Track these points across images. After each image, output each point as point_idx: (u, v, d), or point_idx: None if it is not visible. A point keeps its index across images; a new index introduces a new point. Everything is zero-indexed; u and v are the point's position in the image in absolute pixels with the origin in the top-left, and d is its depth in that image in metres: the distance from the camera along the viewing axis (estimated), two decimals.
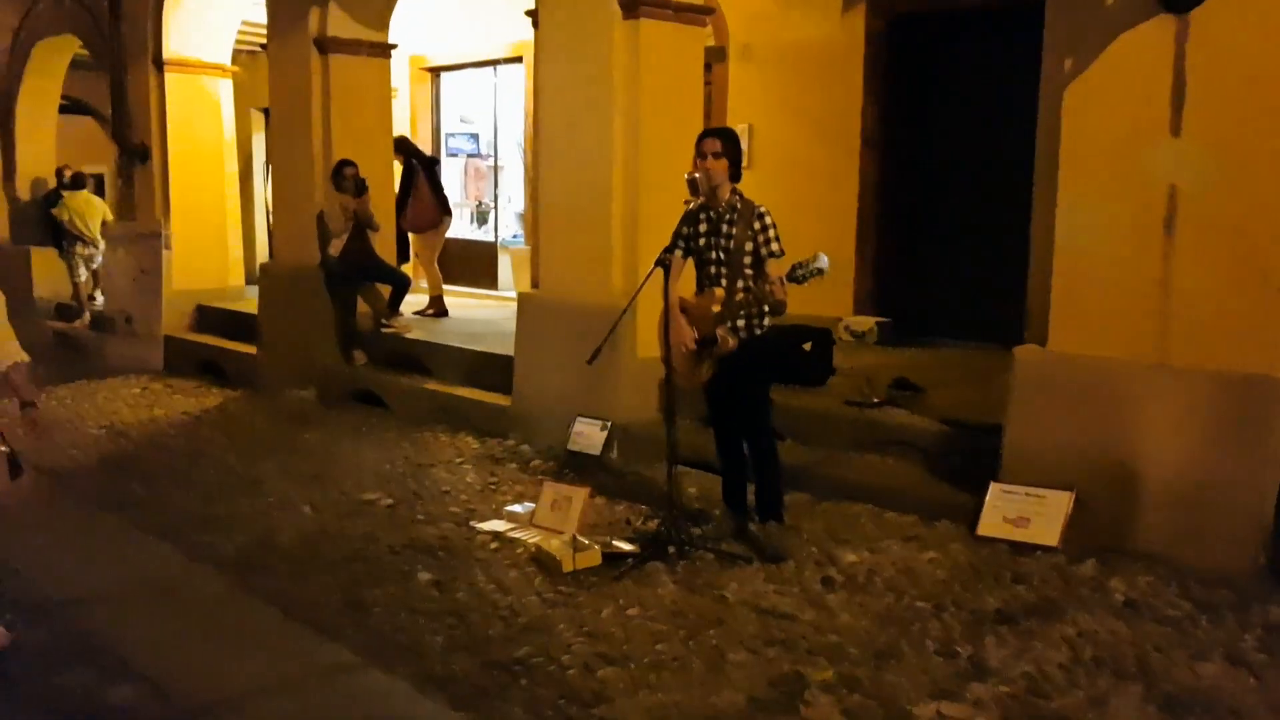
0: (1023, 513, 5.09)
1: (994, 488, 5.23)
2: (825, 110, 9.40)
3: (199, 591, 4.91)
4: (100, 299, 13.24)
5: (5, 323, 4.07)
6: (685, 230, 5.22)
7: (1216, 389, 4.81)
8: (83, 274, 13.45)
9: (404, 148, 10.82)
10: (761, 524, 5.26)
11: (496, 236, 13.18)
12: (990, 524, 5.15)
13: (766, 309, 5.04)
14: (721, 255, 5.09)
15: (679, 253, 5.24)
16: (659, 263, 5.09)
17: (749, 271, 5.04)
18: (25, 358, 4.12)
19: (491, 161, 13.45)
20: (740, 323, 5.07)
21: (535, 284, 7.84)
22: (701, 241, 5.17)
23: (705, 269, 5.17)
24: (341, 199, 9.27)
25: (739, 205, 5.09)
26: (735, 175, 5.13)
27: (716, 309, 5.04)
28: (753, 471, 5.31)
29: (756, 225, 5.02)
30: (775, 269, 4.92)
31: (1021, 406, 5.32)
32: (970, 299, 8.61)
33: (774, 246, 5.01)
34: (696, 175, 5.28)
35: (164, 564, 5.29)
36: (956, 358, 8.03)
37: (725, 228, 5.08)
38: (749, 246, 5.03)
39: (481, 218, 13.83)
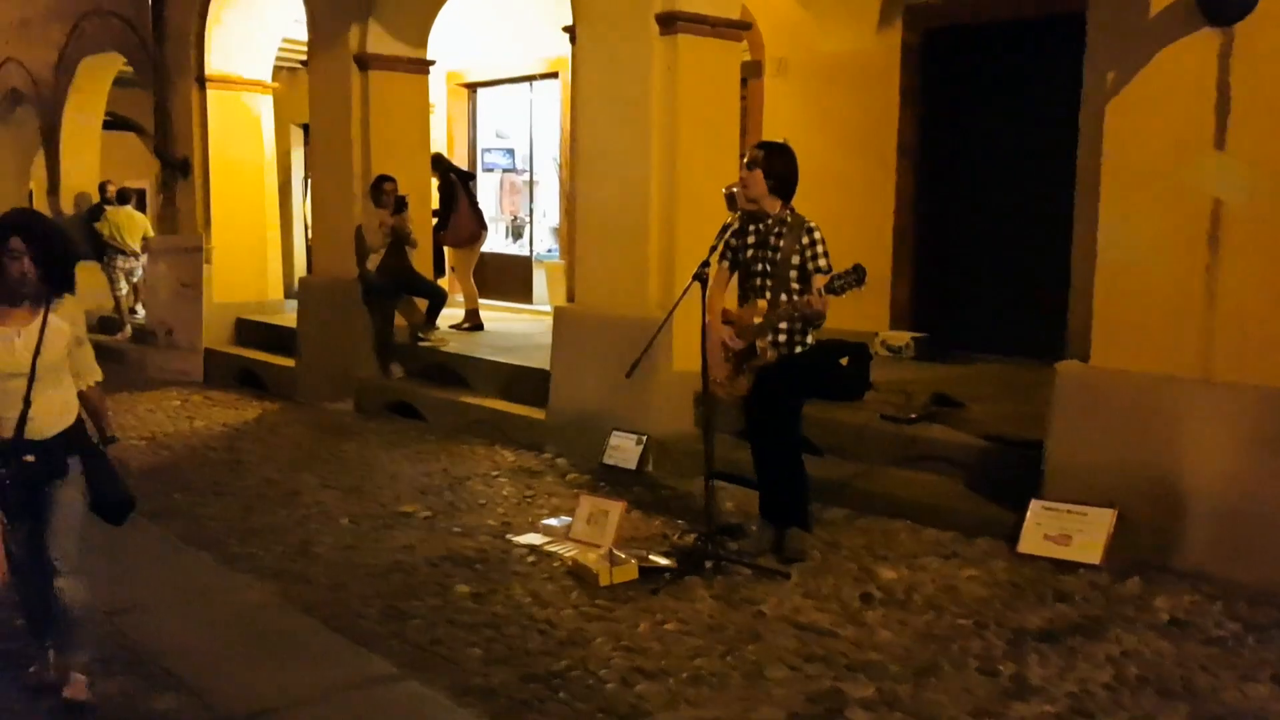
0: (1064, 530, 5.04)
1: (1035, 505, 5.18)
2: (861, 124, 9.39)
3: (239, 601, 4.94)
4: (141, 312, 13.42)
5: (85, 336, 3.94)
6: (734, 242, 5.22)
7: (1262, 404, 4.74)
8: (124, 287, 13.64)
9: (439, 164, 10.90)
10: (786, 527, 5.25)
11: (532, 251, 13.24)
12: (1031, 541, 5.10)
13: (810, 322, 5.01)
14: (768, 268, 5.09)
15: (725, 264, 5.24)
16: (696, 276, 5.08)
17: (795, 286, 5.03)
18: (100, 375, 4.01)
19: (527, 176, 13.52)
20: (781, 336, 5.06)
21: (571, 298, 7.86)
22: (749, 253, 5.16)
23: (750, 281, 5.17)
24: (380, 214, 9.35)
25: (789, 219, 5.09)
26: (784, 192, 5.10)
27: (758, 320, 5.03)
28: (780, 483, 5.30)
29: (805, 240, 5.02)
30: (821, 282, 4.90)
31: (1063, 422, 5.27)
32: (1009, 313, 8.54)
33: (821, 262, 5.01)
34: (734, 190, 5.28)
35: (204, 573, 5.34)
36: (995, 373, 7.97)
37: (773, 240, 5.08)
38: (796, 260, 5.02)
39: (517, 232, 13.90)
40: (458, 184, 10.83)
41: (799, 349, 5.11)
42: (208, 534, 5.93)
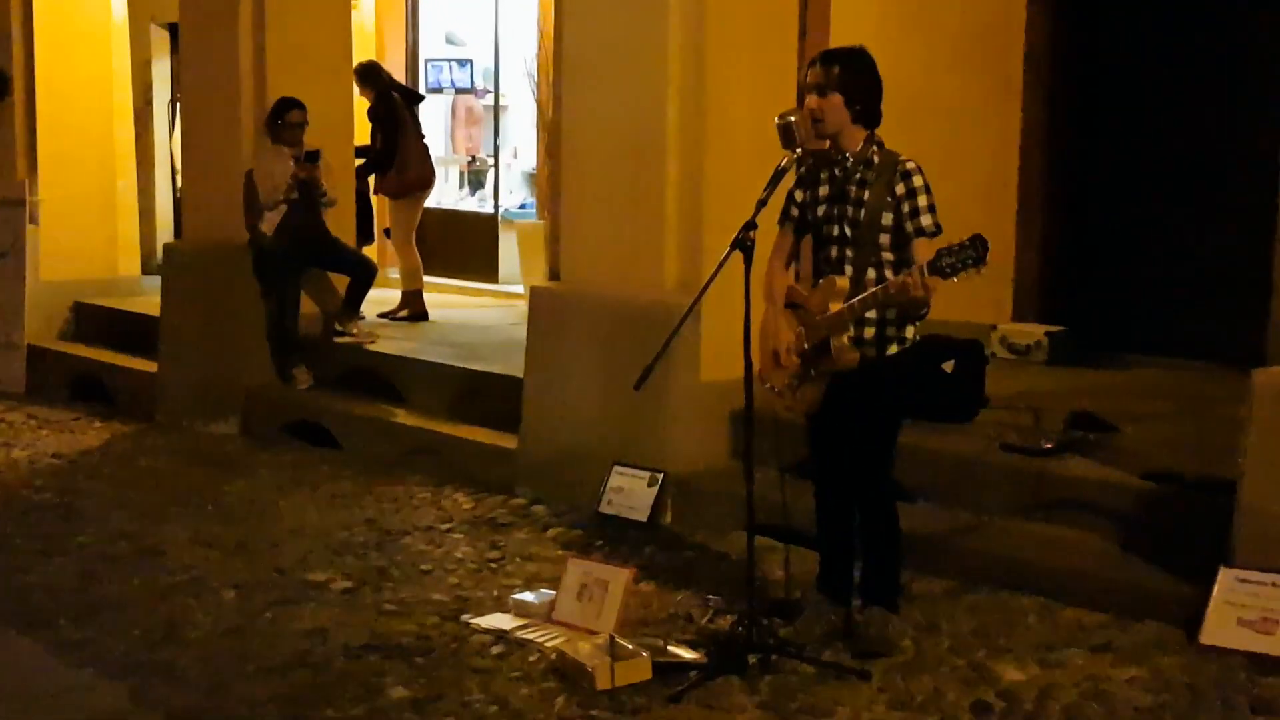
0: (1268, 611, 5.02)
1: (1224, 575, 5.16)
2: (970, 24, 9.34)
3: (78, 707, 4.93)
4: None
5: None
6: (800, 196, 5.24)
7: None
8: None
9: (374, 78, 10.89)
10: (863, 608, 5.26)
11: (497, 207, 13.27)
12: (1219, 628, 5.08)
13: (909, 312, 5.01)
14: (847, 230, 5.09)
15: (788, 227, 5.25)
16: (737, 244, 5.07)
17: (888, 255, 5.03)
18: None
19: (490, 100, 13.54)
20: (868, 330, 5.05)
21: (554, 274, 7.87)
22: (821, 210, 5.17)
23: (825, 250, 5.18)
24: (282, 154, 9.35)
25: (876, 159, 5.08)
26: (868, 118, 5.12)
27: (836, 307, 5.02)
28: (860, 541, 5.31)
29: (900, 188, 5.01)
30: (925, 252, 4.87)
31: (1264, 455, 5.24)
32: (1180, 300, 8.53)
33: (924, 220, 5.00)
34: (791, 119, 5.25)
35: (27, 668, 5.33)
36: (1162, 382, 7.98)
37: (854, 190, 5.08)
38: (887, 219, 5.02)
39: (475, 180, 13.91)
40: (402, 107, 10.83)
41: (893, 348, 5.10)
42: (32, 611, 5.92)
